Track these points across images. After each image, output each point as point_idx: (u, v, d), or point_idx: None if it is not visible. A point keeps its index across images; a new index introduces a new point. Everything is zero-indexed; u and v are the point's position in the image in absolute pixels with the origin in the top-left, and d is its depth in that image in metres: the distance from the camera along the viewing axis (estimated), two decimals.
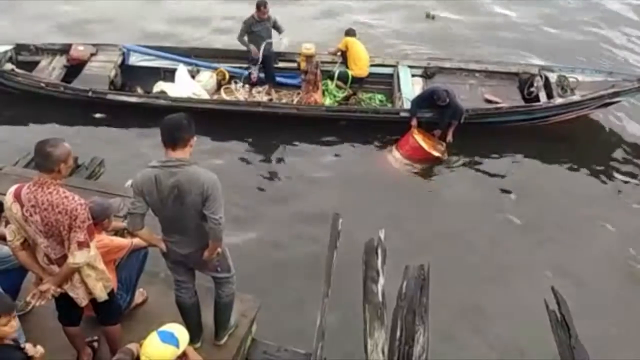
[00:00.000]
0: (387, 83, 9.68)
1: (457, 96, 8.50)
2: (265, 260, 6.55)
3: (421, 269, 5.17)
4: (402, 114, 8.61)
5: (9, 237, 3.68)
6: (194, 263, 4.11)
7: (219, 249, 3.96)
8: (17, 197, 3.49)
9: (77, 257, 3.53)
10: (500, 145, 8.73)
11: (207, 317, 4.52)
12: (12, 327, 3.40)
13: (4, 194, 3.60)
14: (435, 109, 8.46)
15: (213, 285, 4.34)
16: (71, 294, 3.76)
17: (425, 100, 8.47)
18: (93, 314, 4.16)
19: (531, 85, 9.15)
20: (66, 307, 3.97)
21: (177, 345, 3.56)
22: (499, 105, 8.84)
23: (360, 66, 9.38)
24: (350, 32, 9.55)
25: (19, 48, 9.54)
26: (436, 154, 8.27)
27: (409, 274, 5.14)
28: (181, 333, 3.64)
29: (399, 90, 9.15)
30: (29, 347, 3.49)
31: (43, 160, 3.44)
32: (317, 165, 8.33)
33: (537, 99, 8.97)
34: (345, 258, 5.34)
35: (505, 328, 6.03)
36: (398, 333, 4.69)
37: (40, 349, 3.55)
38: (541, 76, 9.21)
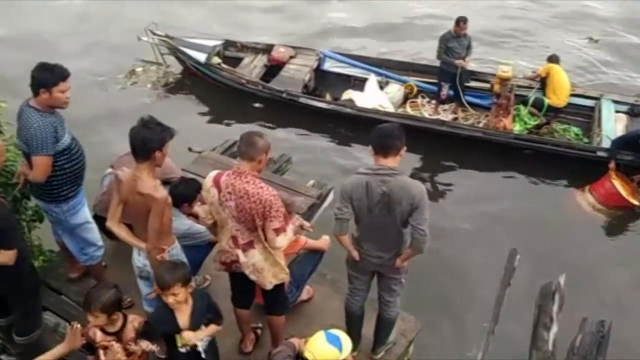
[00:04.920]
0: (586, 115, 8.96)
1: None
2: (433, 284, 6.31)
3: (601, 325, 4.75)
4: (599, 153, 7.90)
5: (202, 215, 3.98)
6: (385, 269, 4.07)
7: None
8: (217, 182, 3.73)
9: (277, 242, 3.71)
10: None
11: (367, 328, 4.50)
12: (175, 299, 3.48)
13: (202, 176, 3.89)
14: (637, 153, 7.67)
15: (377, 298, 4.30)
16: (252, 277, 3.92)
17: (628, 142, 7.71)
18: (262, 302, 4.32)
19: None
20: (241, 290, 4.19)
21: (340, 350, 3.54)
22: None
23: (559, 96, 8.74)
24: (553, 59, 8.94)
25: (227, 44, 10.27)
26: (635, 202, 7.51)
27: (586, 328, 4.78)
28: (346, 340, 3.62)
29: (599, 125, 8.42)
30: (187, 335, 3.54)
31: (248, 147, 3.64)
32: (498, 195, 7.92)
33: None
34: (516, 296, 5.04)
35: None
36: None
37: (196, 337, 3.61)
38: None
